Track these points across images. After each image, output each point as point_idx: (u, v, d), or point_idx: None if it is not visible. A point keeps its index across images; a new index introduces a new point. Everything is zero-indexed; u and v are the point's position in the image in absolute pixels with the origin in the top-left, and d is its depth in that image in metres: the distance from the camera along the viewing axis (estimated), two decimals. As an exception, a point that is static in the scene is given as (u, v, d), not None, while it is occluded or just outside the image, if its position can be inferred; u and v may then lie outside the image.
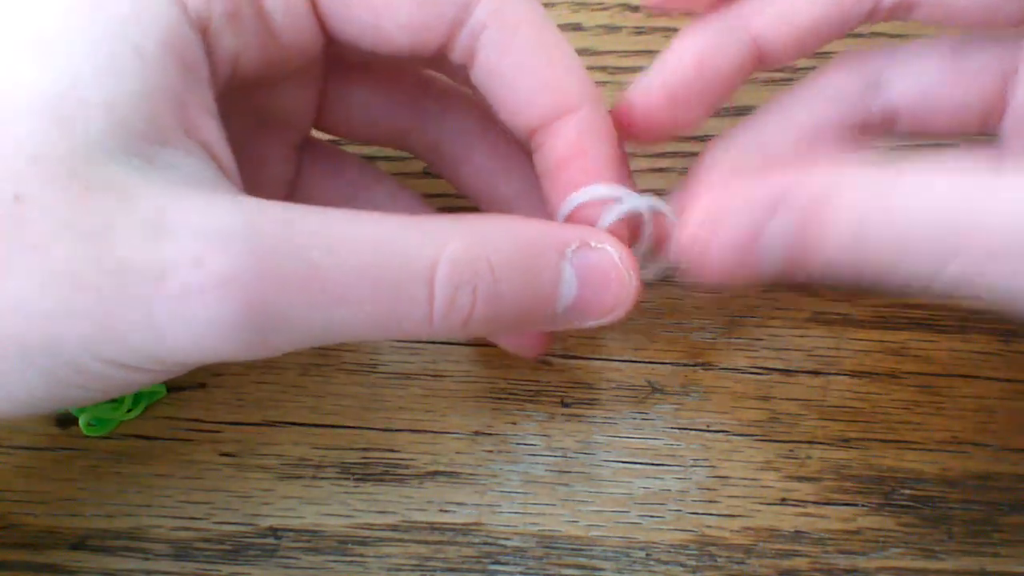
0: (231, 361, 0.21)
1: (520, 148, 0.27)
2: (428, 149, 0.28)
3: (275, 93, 0.26)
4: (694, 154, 0.33)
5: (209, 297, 0.19)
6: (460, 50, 0.24)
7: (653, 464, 0.30)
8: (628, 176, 0.26)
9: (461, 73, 0.25)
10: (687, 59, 0.25)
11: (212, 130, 0.22)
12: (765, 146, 0.26)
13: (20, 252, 0.19)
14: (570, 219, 0.24)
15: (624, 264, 0.23)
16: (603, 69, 0.34)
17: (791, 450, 0.30)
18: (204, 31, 0.22)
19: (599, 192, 0.24)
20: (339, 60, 0.27)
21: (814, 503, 0.30)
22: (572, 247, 0.23)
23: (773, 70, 0.34)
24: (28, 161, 0.19)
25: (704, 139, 0.34)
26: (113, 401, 0.30)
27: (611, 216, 0.24)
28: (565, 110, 0.24)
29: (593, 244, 0.23)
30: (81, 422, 0.30)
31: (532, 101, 0.24)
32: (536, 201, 0.26)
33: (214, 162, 0.22)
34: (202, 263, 0.19)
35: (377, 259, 0.21)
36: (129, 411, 0.30)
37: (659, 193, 0.25)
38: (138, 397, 0.30)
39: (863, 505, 0.30)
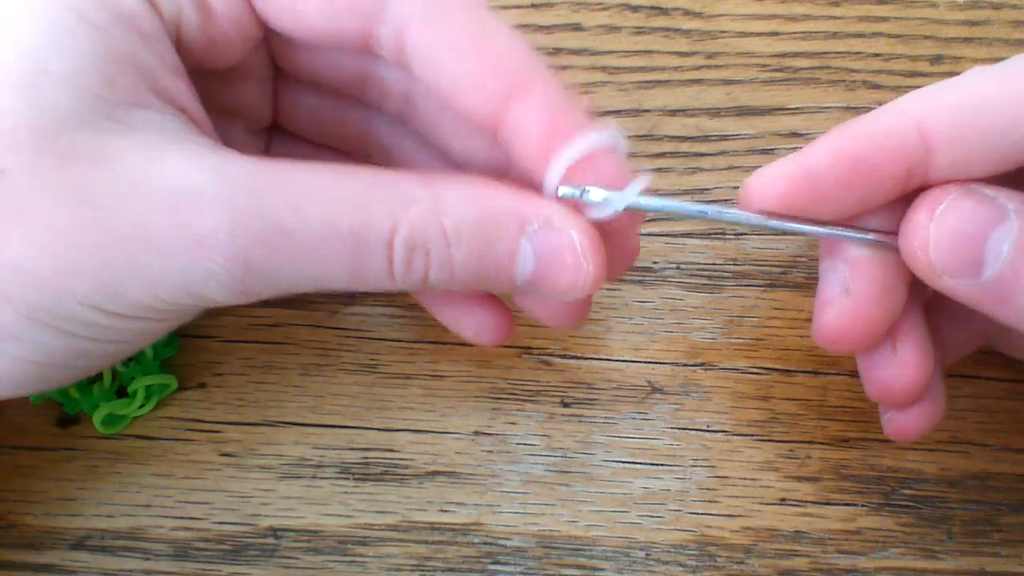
0: (219, 303, 0.23)
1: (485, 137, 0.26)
2: (383, 156, 0.28)
3: (230, 89, 0.27)
4: (694, 154, 0.33)
5: (192, 253, 0.21)
6: (387, 44, 0.23)
7: (653, 464, 0.30)
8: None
9: (404, 73, 0.25)
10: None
11: (181, 89, 0.23)
12: None
13: (12, 220, 0.20)
14: (567, 178, 0.23)
15: (584, 250, 0.23)
16: (603, 69, 0.34)
17: (791, 450, 0.30)
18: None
19: (592, 140, 0.23)
20: (288, 60, 0.27)
21: (814, 503, 0.30)
22: (534, 226, 0.23)
23: (774, 70, 0.34)
24: (2, 136, 0.20)
25: (703, 139, 0.34)
26: (124, 397, 0.30)
27: (584, 145, 0.23)
28: (517, 89, 0.23)
29: (555, 225, 0.23)
30: (95, 419, 0.30)
31: (480, 88, 0.23)
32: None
33: (186, 118, 0.23)
34: (177, 218, 0.21)
35: (341, 219, 0.22)
36: (141, 407, 0.30)
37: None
38: (149, 391, 0.30)
39: (863, 505, 0.30)
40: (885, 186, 0.23)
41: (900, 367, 0.25)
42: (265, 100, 0.28)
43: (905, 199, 0.23)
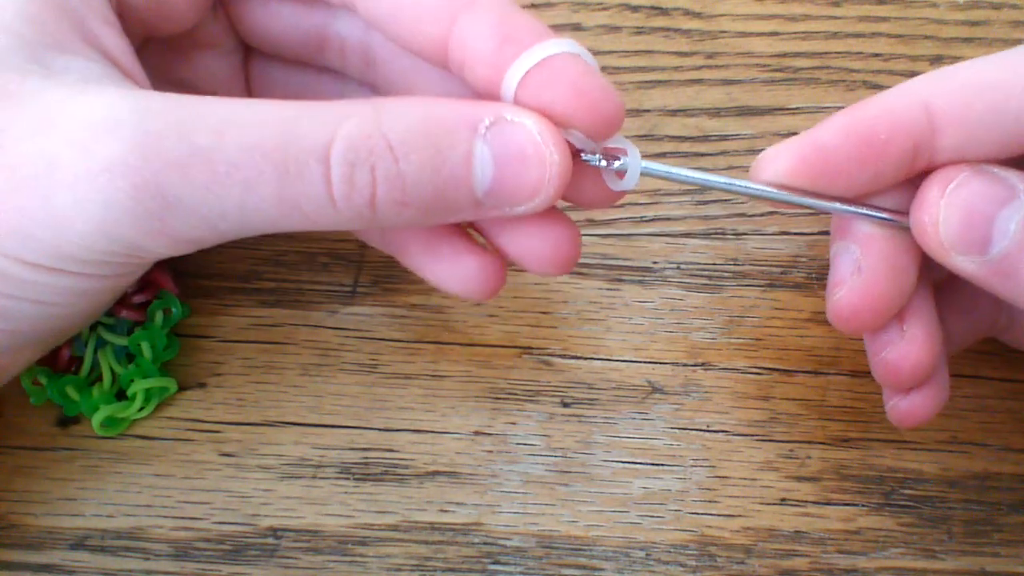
0: (145, 251, 0.21)
1: None
2: (359, 58, 0.27)
3: (198, 64, 0.26)
4: (694, 154, 0.33)
5: (98, 181, 0.20)
6: None
7: (653, 464, 0.30)
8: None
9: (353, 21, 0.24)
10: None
11: (112, 38, 0.22)
12: None
13: None
14: (523, 87, 0.22)
15: (544, 139, 0.21)
16: (603, 69, 0.34)
17: (791, 450, 0.30)
18: None
19: (550, 48, 0.21)
20: (247, 30, 0.27)
21: (814, 503, 0.30)
22: (485, 123, 0.21)
23: (774, 70, 0.34)
24: None
25: (703, 139, 0.34)
26: (123, 400, 0.30)
27: (540, 53, 0.21)
28: (460, 6, 0.22)
29: (509, 118, 0.21)
30: (94, 422, 0.30)
31: (422, 11, 0.22)
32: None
33: (115, 67, 0.22)
34: (88, 149, 0.20)
35: (266, 138, 0.20)
36: (141, 409, 0.30)
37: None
38: (148, 394, 0.30)
39: (863, 505, 0.30)
40: (893, 162, 0.23)
41: (908, 347, 0.25)
42: (236, 78, 0.27)
43: (912, 183, 0.24)
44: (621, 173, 0.23)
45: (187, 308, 0.31)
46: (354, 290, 0.32)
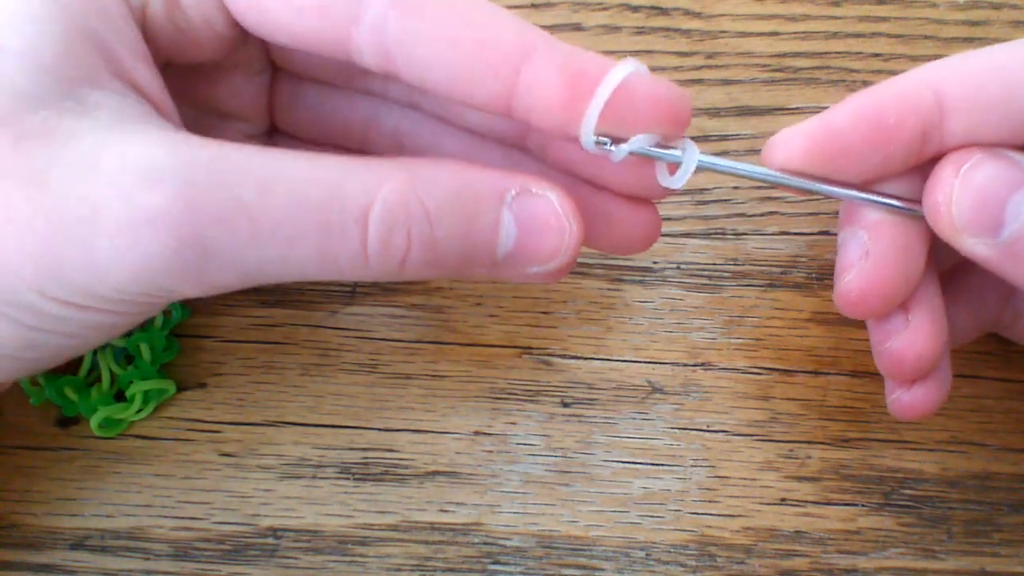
0: (176, 294, 0.22)
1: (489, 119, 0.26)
2: (392, 147, 0.28)
3: (218, 86, 0.26)
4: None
5: (141, 232, 0.20)
6: (369, 49, 0.22)
7: (653, 464, 0.30)
8: None
9: (386, 80, 0.24)
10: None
11: (144, 73, 0.22)
12: None
13: None
14: (608, 112, 0.22)
15: (564, 211, 0.23)
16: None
17: (791, 450, 0.30)
18: None
19: (628, 67, 0.22)
20: (284, 56, 0.26)
21: (814, 503, 0.30)
22: (512, 192, 0.23)
23: (773, 70, 0.34)
24: None
25: (703, 139, 0.34)
26: (123, 401, 0.30)
27: (618, 75, 0.22)
28: (520, 61, 0.22)
29: (534, 190, 0.23)
30: (92, 423, 0.30)
31: (479, 79, 0.22)
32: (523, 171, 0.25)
33: (148, 102, 0.22)
34: (133, 199, 0.20)
35: (309, 198, 0.21)
36: (139, 411, 0.30)
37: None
38: (147, 396, 0.30)
39: (863, 505, 0.30)
40: (902, 146, 0.23)
41: (913, 337, 0.25)
42: (261, 99, 0.27)
43: (921, 173, 0.24)
44: (673, 167, 0.24)
45: (187, 310, 0.31)
46: (354, 290, 0.32)
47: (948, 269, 0.27)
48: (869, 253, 0.24)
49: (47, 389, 0.30)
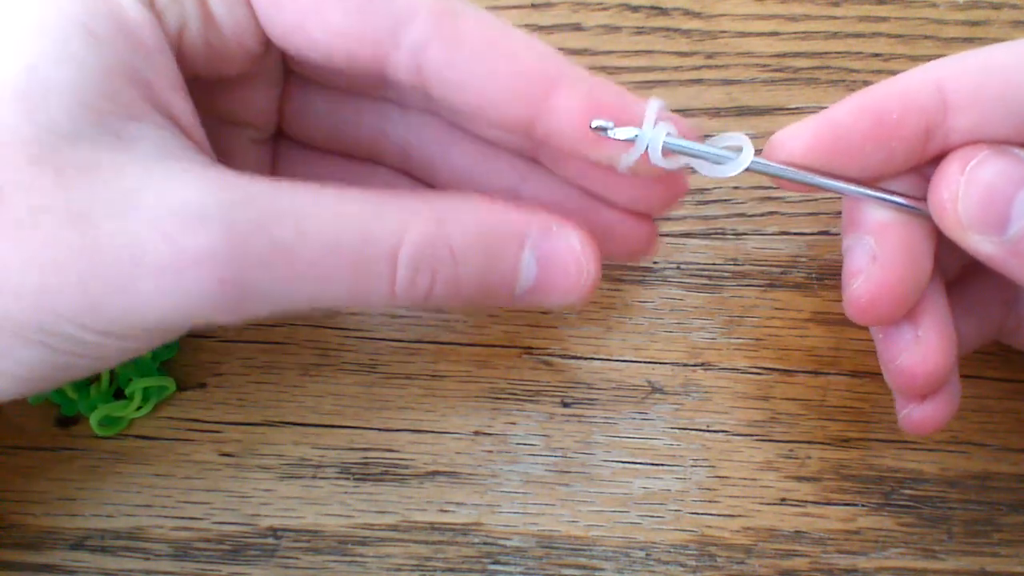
0: (212, 323, 0.22)
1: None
2: (399, 156, 0.28)
3: (233, 95, 0.26)
4: (694, 154, 0.33)
5: (185, 274, 0.20)
6: (404, 69, 0.23)
7: (653, 464, 0.30)
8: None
9: (413, 92, 0.25)
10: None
11: (179, 104, 0.23)
12: None
13: (7, 237, 0.20)
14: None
15: (583, 251, 0.24)
16: (603, 69, 0.34)
17: (791, 450, 0.30)
18: (151, 5, 0.22)
19: (655, 105, 0.23)
20: (304, 64, 0.26)
21: (814, 503, 0.30)
22: (534, 234, 0.23)
23: (774, 70, 0.34)
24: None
25: (704, 139, 0.34)
26: (122, 399, 0.30)
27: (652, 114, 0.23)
28: (550, 89, 0.23)
29: (554, 229, 0.24)
30: (92, 421, 0.30)
31: (507, 104, 0.23)
32: (530, 187, 0.26)
33: (184, 134, 0.22)
34: (176, 241, 0.20)
35: (343, 239, 0.22)
36: (139, 409, 0.30)
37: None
38: (147, 394, 0.30)
39: (863, 505, 0.30)
40: (905, 142, 0.23)
41: (923, 352, 0.25)
42: (272, 107, 0.27)
43: (924, 174, 0.24)
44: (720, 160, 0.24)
45: (187, 308, 0.31)
46: (354, 290, 0.32)
47: (951, 279, 0.27)
48: (876, 257, 0.24)
49: (47, 389, 0.30)
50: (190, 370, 0.31)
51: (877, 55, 0.34)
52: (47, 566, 0.29)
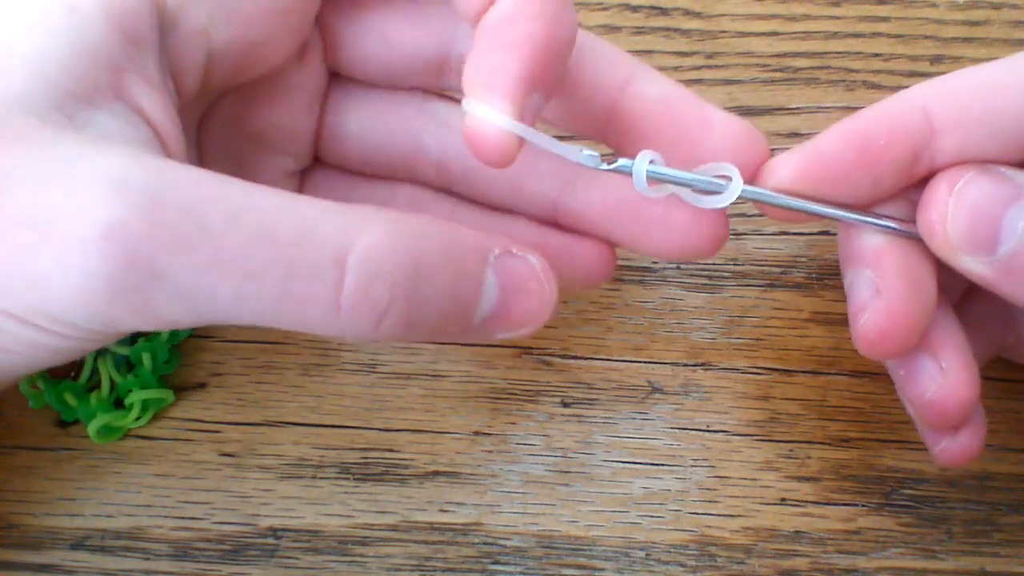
0: (123, 328, 0.20)
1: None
2: (436, 171, 0.27)
3: (269, 113, 0.26)
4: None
5: (89, 247, 0.18)
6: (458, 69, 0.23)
7: (653, 464, 0.30)
8: None
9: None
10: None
11: (153, 100, 0.21)
12: None
13: None
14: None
15: (543, 275, 0.22)
16: (603, 69, 0.34)
17: (791, 450, 0.30)
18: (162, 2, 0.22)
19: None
20: (336, 85, 0.27)
21: (814, 503, 0.30)
22: (495, 253, 0.22)
23: (774, 70, 0.34)
24: None
25: (704, 139, 0.33)
26: (120, 408, 0.30)
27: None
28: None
29: (515, 252, 0.22)
30: (91, 430, 0.30)
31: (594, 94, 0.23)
32: (568, 197, 0.26)
33: (150, 130, 0.21)
34: (87, 211, 0.18)
35: (279, 231, 0.19)
36: (137, 419, 0.30)
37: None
38: (146, 405, 0.30)
39: (863, 505, 0.30)
40: (892, 166, 0.23)
41: (951, 383, 0.24)
42: (309, 128, 0.27)
43: (912, 201, 0.24)
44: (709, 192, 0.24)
45: (193, 325, 0.31)
46: (354, 290, 0.32)
47: (954, 300, 0.27)
48: (880, 290, 0.23)
49: (47, 394, 0.30)
50: (190, 370, 0.31)
51: (877, 55, 0.34)
52: (47, 566, 0.29)
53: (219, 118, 0.25)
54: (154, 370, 0.30)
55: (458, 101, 0.27)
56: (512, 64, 0.21)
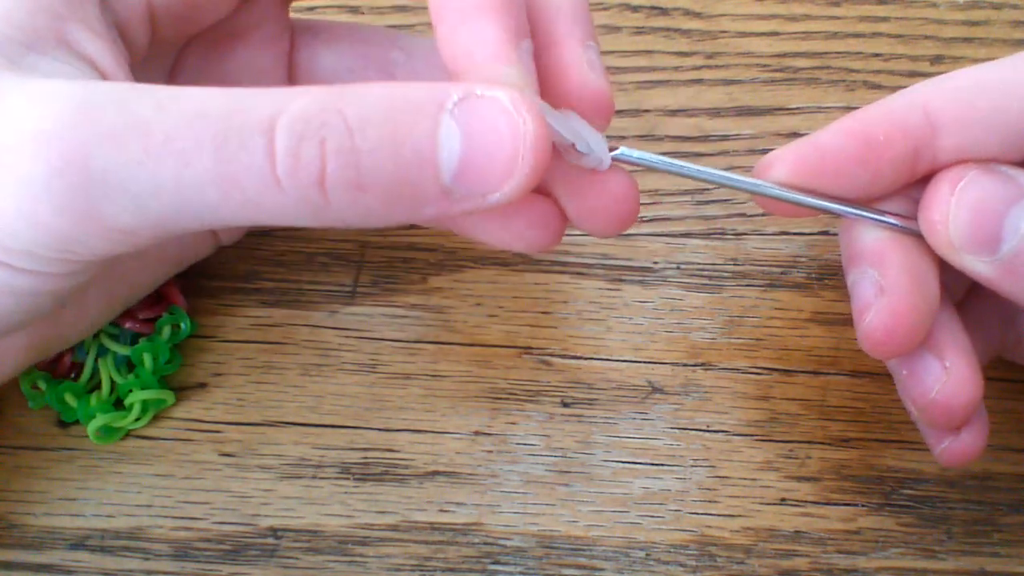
0: (83, 251, 0.20)
1: None
2: None
3: (234, 59, 0.26)
4: (694, 154, 0.33)
5: (23, 151, 0.18)
6: None
7: (653, 464, 0.30)
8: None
9: None
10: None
11: (98, 47, 0.22)
12: None
13: None
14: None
15: (517, 108, 0.19)
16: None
17: (791, 450, 0.30)
18: None
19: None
20: (302, 27, 0.26)
21: (814, 503, 0.30)
22: (454, 99, 0.19)
23: (774, 70, 0.34)
24: None
25: (703, 139, 0.34)
26: (120, 410, 0.30)
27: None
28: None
29: (479, 93, 0.19)
30: (90, 431, 0.30)
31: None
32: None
33: (97, 74, 0.21)
34: (19, 120, 0.19)
35: (209, 109, 0.19)
36: (137, 420, 0.30)
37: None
38: (145, 405, 0.30)
39: (863, 505, 0.30)
40: (891, 163, 0.23)
41: (956, 382, 0.24)
42: (279, 74, 0.26)
43: (912, 198, 0.24)
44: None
45: (195, 324, 0.31)
46: (354, 290, 0.32)
47: (956, 299, 0.27)
48: (884, 288, 0.23)
49: (47, 394, 0.30)
50: (190, 370, 0.31)
51: (877, 55, 0.34)
52: (47, 566, 0.29)
53: (188, 69, 0.25)
54: (155, 370, 0.30)
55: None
56: (487, 29, 0.21)
